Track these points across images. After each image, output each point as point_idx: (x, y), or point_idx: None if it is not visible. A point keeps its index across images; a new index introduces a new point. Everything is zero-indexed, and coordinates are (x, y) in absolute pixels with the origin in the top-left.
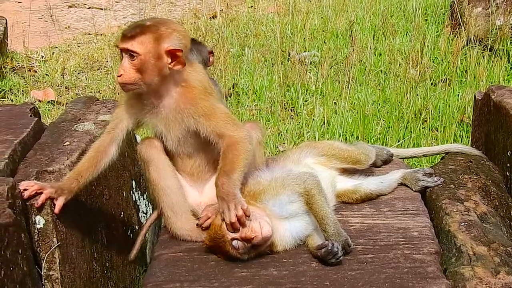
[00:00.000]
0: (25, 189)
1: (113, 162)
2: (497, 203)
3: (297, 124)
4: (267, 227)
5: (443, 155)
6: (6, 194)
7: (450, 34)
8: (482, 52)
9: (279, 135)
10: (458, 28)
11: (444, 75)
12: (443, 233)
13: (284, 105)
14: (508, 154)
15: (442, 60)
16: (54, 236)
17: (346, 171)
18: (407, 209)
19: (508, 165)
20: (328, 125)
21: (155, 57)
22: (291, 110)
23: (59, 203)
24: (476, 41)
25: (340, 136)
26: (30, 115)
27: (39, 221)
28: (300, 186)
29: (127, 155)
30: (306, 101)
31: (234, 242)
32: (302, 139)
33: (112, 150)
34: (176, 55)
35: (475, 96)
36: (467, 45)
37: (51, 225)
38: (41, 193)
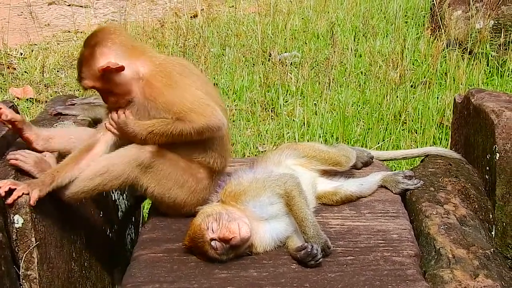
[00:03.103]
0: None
1: None
2: (476, 206)
3: (277, 125)
4: (246, 228)
5: (423, 158)
6: None
7: (430, 37)
8: (462, 55)
9: (259, 135)
10: (438, 31)
11: (424, 77)
12: (423, 236)
13: (264, 106)
14: (488, 157)
15: (422, 62)
16: (33, 235)
17: (326, 173)
18: (387, 211)
19: (487, 168)
20: (308, 126)
21: (101, 80)
22: (271, 111)
23: (34, 195)
24: (456, 44)
25: (320, 137)
26: None
27: (18, 220)
28: (281, 187)
29: None
30: (286, 101)
31: (213, 243)
32: (282, 140)
33: (98, 151)
34: (110, 69)
35: (454, 99)
36: (447, 48)
37: (30, 224)
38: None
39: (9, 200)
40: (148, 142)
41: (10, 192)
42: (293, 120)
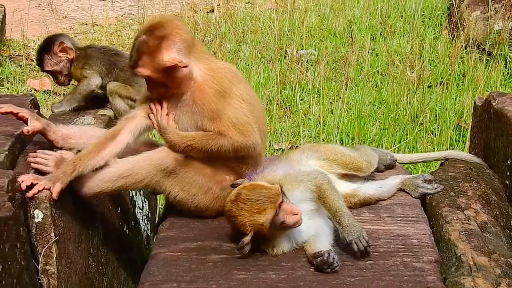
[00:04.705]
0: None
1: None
2: (497, 213)
3: (293, 123)
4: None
5: (442, 161)
6: (6, 187)
7: (448, 37)
8: (480, 56)
9: (274, 133)
10: (456, 31)
11: (442, 78)
12: (443, 242)
13: (280, 103)
14: (508, 162)
15: (439, 63)
16: (52, 230)
17: (346, 175)
18: (407, 216)
19: (508, 173)
20: (324, 125)
21: (160, 73)
22: (287, 109)
23: (56, 189)
24: (474, 45)
25: (335, 136)
26: (30, 107)
27: (38, 215)
28: (312, 183)
29: None
30: (302, 99)
31: (281, 208)
32: (297, 138)
33: (123, 139)
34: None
35: (475, 102)
36: (465, 49)
37: (49, 219)
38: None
39: (30, 194)
40: (183, 153)
41: (31, 186)
42: (309, 118)
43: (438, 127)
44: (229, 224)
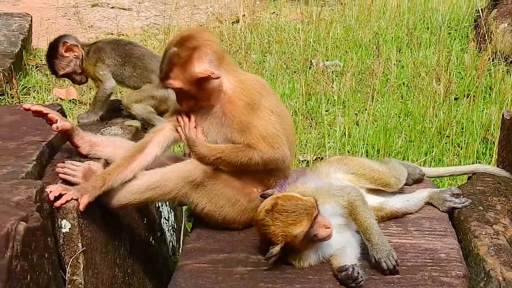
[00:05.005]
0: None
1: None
2: None
3: (318, 134)
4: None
5: (470, 175)
6: (35, 197)
7: (475, 49)
8: (508, 69)
9: (300, 144)
10: (483, 44)
11: (468, 90)
12: (472, 256)
13: (305, 114)
14: None
15: (466, 75)
16: (79, 240)
17: (373, 189)
18: (435, 230)
19: None
20: (349, 137)
21: (191, 84)
22: (312, 120)
23: (83, 201)
24: (502, 57)
25: (361, 148)
26: None
27: (65, 225)
28: (344, 198)
29: None
30: (327, 111)
31: (315, 221)
32: (323, 150)
33: (151, 152)
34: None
35: (503, 115)
36: (492, 61)
37: (77, 229)
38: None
39: (57, 204)
40: (212, 166)
41: (59, 196)
42: (334, 130)
43: (464, 140)
44: (259, 233)
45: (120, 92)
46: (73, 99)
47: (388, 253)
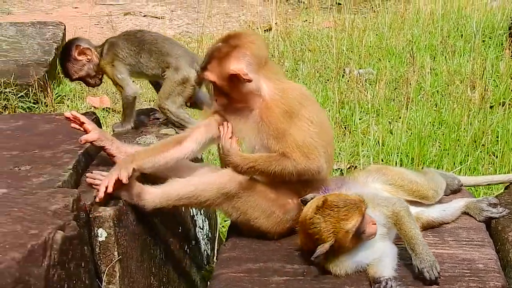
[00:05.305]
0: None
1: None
2: None
3: (352, 143)
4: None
5: (508, 184)
6: (72, 206)
7: (509, 57)
8: None
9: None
10: None
11: (504, 99)
12: (510, 267)
13: (339, 123)
14: None
15: (501, 83)
16: (115, 249)
17: None
18: (472, 240)
19: None
20: (383, 145)
21: (225, 80)
22: (345, 128)
23: (123, 174)
24: None
25: (395, 156)
26: None
27: (101, 234)
28: (389, 209)
29: None
30: (360, 119)
31: (364, 218)
32: (356, 158)
33: (188, 146)
34: (240, 77)
35: None
36: None
37: (113, 238)
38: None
39: (100, 194)
40: (245, 175)
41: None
42: (368, 138)
43: (500, 149)
44: (303, 236)
45: (153, 101)
46: (106, 107)
47: (432, 264)
